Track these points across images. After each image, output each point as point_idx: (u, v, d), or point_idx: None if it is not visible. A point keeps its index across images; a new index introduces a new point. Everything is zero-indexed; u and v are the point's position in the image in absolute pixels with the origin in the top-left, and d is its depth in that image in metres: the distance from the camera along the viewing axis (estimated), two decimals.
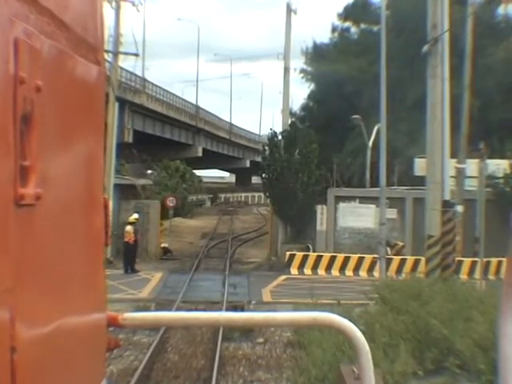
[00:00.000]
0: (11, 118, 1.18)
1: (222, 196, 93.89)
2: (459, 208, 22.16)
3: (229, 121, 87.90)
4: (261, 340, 15.70)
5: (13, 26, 1.19)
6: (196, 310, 16.77)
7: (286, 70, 32.34)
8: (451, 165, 21.74)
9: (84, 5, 1.80)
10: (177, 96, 66.37)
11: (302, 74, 44.86)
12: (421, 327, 12.15)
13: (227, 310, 17.42)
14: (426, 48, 17.64)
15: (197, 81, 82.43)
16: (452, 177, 23.04)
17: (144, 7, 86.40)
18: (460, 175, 25.70)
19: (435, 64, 17.48)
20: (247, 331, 16.16)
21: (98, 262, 1.90)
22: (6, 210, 1.17)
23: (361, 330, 2.25)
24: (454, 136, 21.07)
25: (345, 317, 2.21)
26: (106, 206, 1.93)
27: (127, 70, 50.53)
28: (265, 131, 52.30)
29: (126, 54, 28.31)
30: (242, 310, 17.23)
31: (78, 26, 1.66)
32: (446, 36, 17.49)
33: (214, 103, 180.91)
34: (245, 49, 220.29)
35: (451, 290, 14.77)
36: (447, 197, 17.66)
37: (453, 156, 22.05)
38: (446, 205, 17.59)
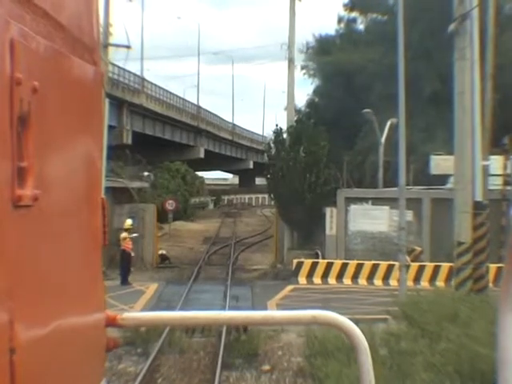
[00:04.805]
0: (8, 120, 1.19)
1: (226, 198, 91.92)
2: None
3: (231, 121, 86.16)
4: (267, 367, 13.47)
5: (8, 27, 1.20)
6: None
7: (291, 61, 29.92)
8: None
9: (79, 5, 1.80)
10: (177, 96, 64.94)
11: (304, 71, 42.82)
12: (464, 357, 9.92)
13: (228, 329, 15.23)
14: (452, 27, 15.42)
15: (198, 79, 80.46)
16: None
17: (143, 8, 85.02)
18: (484, 173, 23.39)
19: (463, 45, 15.26)
20: (251, 355, 14.02)
21: (96, 262, 1.90)
22: (4, 211, 1.18)
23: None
24: None
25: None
26: (103, 207, 1.94)
27: (125, 69, 49.04)
28: (268, 132, 50.45)
29: (116, 46, 26.16)
30: (245, 330, 14.99)
31: (73, 27, 1.67)
32: (476, 12, 15.24)
33: (215, 105, 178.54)
34: (241, 49, 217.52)
35: (490, 306, 12.55)
36: (479, 198, 15.40)
37: None
38: (478, 207, 15.35)
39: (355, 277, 24.52)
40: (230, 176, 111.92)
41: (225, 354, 13.97)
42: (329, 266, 24.97)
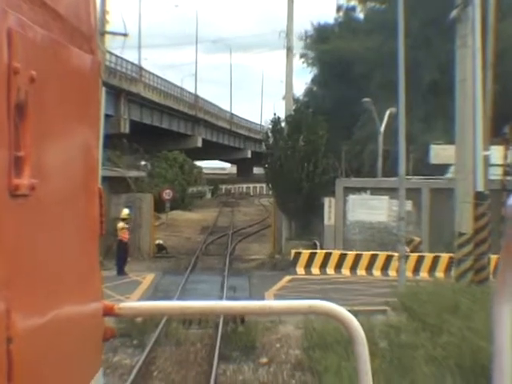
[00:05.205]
0: (5, 109, 1.19)
1: (223, 187, 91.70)
2: None
3: (229, 110, 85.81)
4: (264, 360, 13.25)
5: (6, 17, 1.21)
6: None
7: (289, 49, 29.57)
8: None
9: None
10: (175, 85, 64.65)
11: (302, 59, 42.48)
12: (465, 351, 9.71)
13: (225, 320, 15.03)
14: (454, 13, 15.14)
15: (196, 68, 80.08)
16: None
17: None
18: (484, 163, 23.12)
19: (465, 32, 15.00)
20: (248, 348, 13.81)
21: (93, 251, 1.92)
22: (1, 201, 1.19)
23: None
24: None
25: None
26: (100, 196, 1.96)
27: (122, 58, 48.72)
28: (266, 121, 50.08)
29: (113, 33, 25.76)
30: (243, 321, 14.79)
31: (71, 16, 1.68)
32: None
33: (213, 94, 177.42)
34: (240, 37, 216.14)
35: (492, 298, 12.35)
36: (480, 188, 15.17)
37: None
38: (479, 197, 15.13)
39: (354, 267, 24.28)
40: (227, 165, 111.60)
41: (222, 346, 13.76)
42: (327, 256, 24.73)
